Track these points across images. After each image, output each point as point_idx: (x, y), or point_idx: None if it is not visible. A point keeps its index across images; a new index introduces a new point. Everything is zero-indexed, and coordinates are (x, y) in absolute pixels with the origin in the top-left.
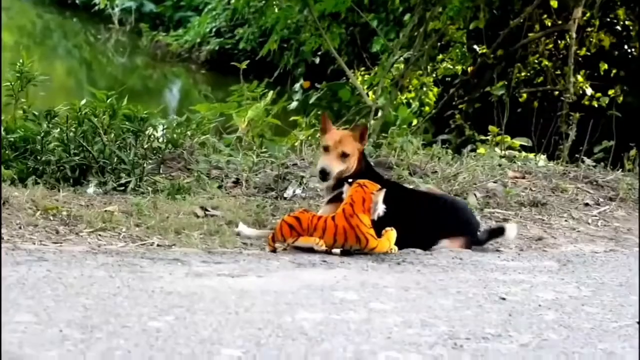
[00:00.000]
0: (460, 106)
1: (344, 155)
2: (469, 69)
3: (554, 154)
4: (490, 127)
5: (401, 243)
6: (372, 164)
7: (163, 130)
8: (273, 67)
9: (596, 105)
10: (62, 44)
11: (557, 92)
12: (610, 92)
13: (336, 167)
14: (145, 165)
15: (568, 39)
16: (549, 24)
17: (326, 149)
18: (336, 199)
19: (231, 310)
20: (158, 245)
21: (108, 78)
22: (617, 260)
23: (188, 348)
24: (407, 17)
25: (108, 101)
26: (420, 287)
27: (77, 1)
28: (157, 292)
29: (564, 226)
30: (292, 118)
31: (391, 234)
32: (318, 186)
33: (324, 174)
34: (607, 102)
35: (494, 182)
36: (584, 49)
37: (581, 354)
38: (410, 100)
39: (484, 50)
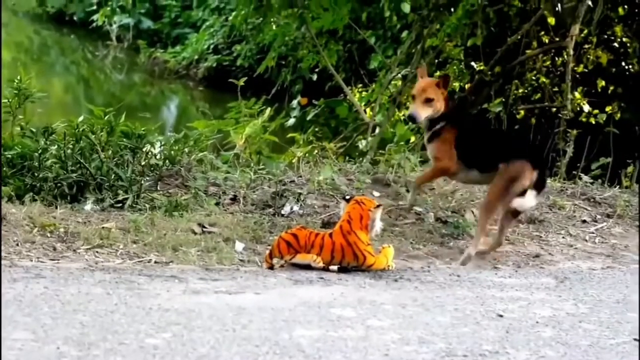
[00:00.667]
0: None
1: (428, 101)
2: (467, 86)
3: (552, 171)
4: None
5: None
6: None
7: (160, 147)
8: (271, 84)
9: (594, 122)
10: (60, 61)
11: (554, 109)
12: (608, 109)
13: (422, 112)
14: (142, 182)
15: (565, 56)
16: (547, 41)
17: (413, 97)
18: (435, 136)
19: (228, 328)
20: (155, 262)
21: (106, 95)
22: (614, 277)
23: None
24: (404, 34)
25: (106, 118)
26: (418, 304)
27: (74, 18)
28: (154, 309)
29: (562, 243)
30: (289, 135)
31: (388, 250)
32: (315, 203)
33: (412, 119)
34: (604, 119)
35: None
36: (582, 65)
37: None
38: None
39: (482, 67)
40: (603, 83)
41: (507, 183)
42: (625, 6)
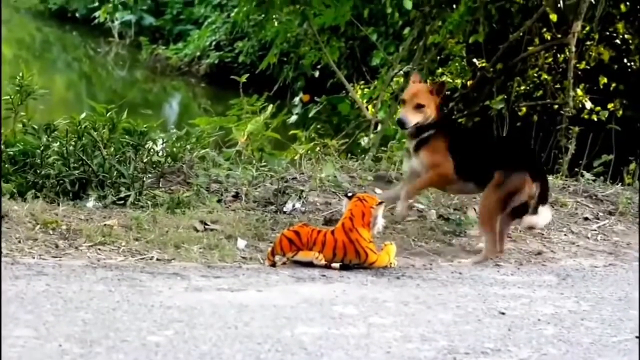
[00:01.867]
0: (459, 120)
1: (418, 107)
2: (469, 83)
3: (554, 168)
4: None
5: None
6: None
7: (162, 144)
8: (272, 80)
9: (596, 119)
10: (62, 58)
11: (556, 106)
12: (610, 105)
13: (412, 118)
14: (144, 179)
15: (567, 53)
16: (549, 38)
17: (403, 102)
18: (423, 144)
19: (230, 325)
20: (157, 259)
21: (108, 92)
22: (616, 275)
23: None
24: (406, 31)
25: (108, 115)
26: (420, 302)
27: (76, 14)
28: (156, 306)
29: (564, 240)
30: (291, 132)
31: (390, 247)
32: (317, 200)
33: (401, 124)
34: (606, 115)
35: None
36: (584, 62)
37: None
38: None
39: (484, 64)
40: (605, 80)
41: (505, 196)
42: (628, 3)
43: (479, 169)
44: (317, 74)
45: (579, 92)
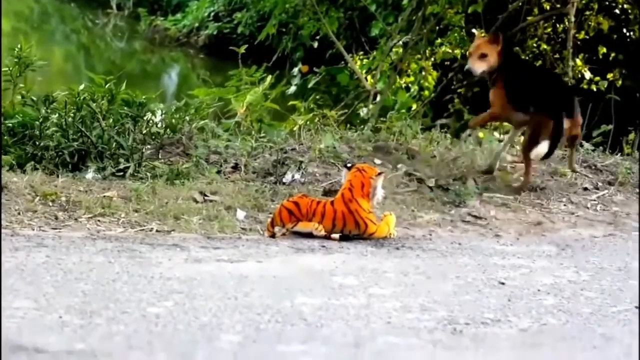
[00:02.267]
0: (459, 90)
1: (482, 56)
2: (468, 53)
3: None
4: None
5: None
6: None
7: (161, 115)
8: (271, 51)
9: (595, 89)
10: (60, 29)
11: None
12: (609, 75)
13: (477, 66)
14: (143, 150)
15: (567, 23)
16: (548, 8)
17: (469, 54)
18: (492, 85)
19: (230, 296)
20: (157, 230)
21: (106, 63)
22: (615, 245)
23: (187, 334)
24: (405, 1)
25: (106, 86)
26: (420, 272)
27: None
28: (156, 277)
29: (563, 210)
30: (290, 102)
31: (390, 218)
32: (317, 171)
33: (469, 73)
34: (605, 85)
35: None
36: (583, 32)
37: (580, 339)
38: (409, 85)
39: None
40: (604, 50)
41: (532, 133)
42: None
43: (524, 104)
44: (316, 44)
45: (578, 62)
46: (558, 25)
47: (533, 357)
